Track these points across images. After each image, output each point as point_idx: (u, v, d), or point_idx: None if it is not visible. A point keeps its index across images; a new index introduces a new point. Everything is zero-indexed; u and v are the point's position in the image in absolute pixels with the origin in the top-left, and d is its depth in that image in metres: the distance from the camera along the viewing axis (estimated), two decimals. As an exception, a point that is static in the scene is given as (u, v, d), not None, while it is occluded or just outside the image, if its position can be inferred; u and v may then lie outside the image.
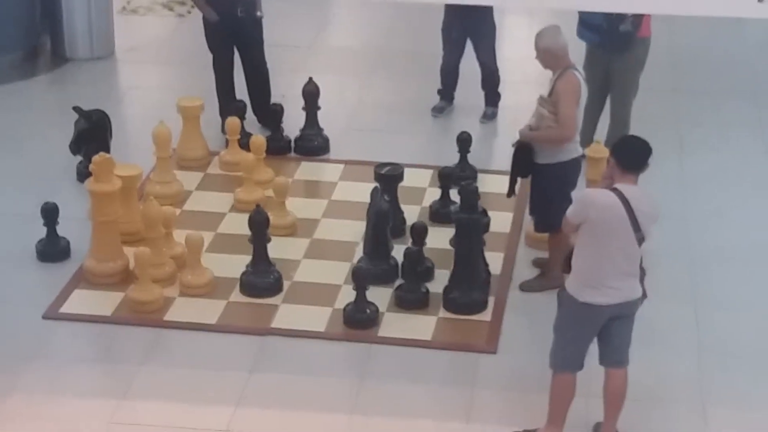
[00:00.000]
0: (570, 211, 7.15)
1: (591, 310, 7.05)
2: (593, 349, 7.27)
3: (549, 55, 8.47)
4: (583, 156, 8.72)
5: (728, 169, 10.47)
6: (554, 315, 7.31)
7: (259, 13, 10.64)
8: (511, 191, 8.80)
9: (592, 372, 7.32)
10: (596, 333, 7.16)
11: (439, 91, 11.30)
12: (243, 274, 8.70)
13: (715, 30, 12.94)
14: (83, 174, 9.61)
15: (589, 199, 7.07)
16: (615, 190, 7.00)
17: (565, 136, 8.42)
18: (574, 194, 8.07)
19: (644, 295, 7.20)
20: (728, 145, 10.86)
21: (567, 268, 7.22)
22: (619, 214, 6.93)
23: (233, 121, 10.14)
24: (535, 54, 8.52)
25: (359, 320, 8.36)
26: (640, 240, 7.02)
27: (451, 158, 9.95)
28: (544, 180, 8.60)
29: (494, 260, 8.94)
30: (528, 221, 9.11)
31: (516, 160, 8.67)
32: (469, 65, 11.13)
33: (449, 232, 8.84)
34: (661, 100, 11.49)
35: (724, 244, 9.42)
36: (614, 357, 7.24)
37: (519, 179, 8.78)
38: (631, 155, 7.08)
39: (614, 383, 7.26)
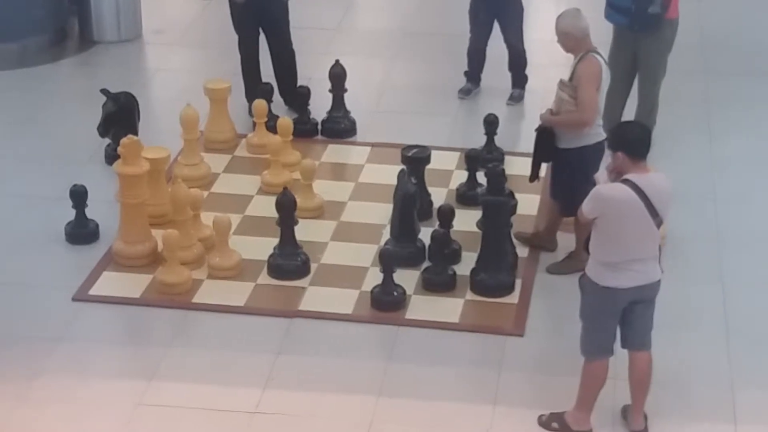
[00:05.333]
0: (585, 206, 7.08)
1: (612, 293, 7.01)
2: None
3: (569, 38, 8.43)
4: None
5: (757, 150, 10.41)
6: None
7: (284, -5, 10.65)
8: (534, 176, 8.77)
9: (620, 355, 7.31)
10: (619, 316, 7.13)
11: (465, 73, 11.26)
12: (270, 256, 8.72)
13: (743, 11, 12.86)
14: (111, 156, 9.64)
15: (602, 196, 6.99)
16: (627, 181, 6.93)
17: (584, 120, 8.38)
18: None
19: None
20: (757, 126, 10.79)
21: (588, 249, 7.20)
22: (635, 206, 6.89)
23: (260, 103, 10.15)
24: (556, 38, 8.49)
25: (386, 302, 8.37)
26: (659, 224, 6.99)
27: (478, 140, 9.93)
28: (566, 164, 8.56)
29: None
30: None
31: (538, 145, 8.65)
32: (496, 47, 11.10)
33: (476, 214, 8.82)
34: (690, 81, 11.42)
35: (753, 226, 9.38)
36: (637, 340, 7.21)
37: (542, 164, 8.76)
38: (639, 143, 6.99)
39: (639, 366, 7.24)
